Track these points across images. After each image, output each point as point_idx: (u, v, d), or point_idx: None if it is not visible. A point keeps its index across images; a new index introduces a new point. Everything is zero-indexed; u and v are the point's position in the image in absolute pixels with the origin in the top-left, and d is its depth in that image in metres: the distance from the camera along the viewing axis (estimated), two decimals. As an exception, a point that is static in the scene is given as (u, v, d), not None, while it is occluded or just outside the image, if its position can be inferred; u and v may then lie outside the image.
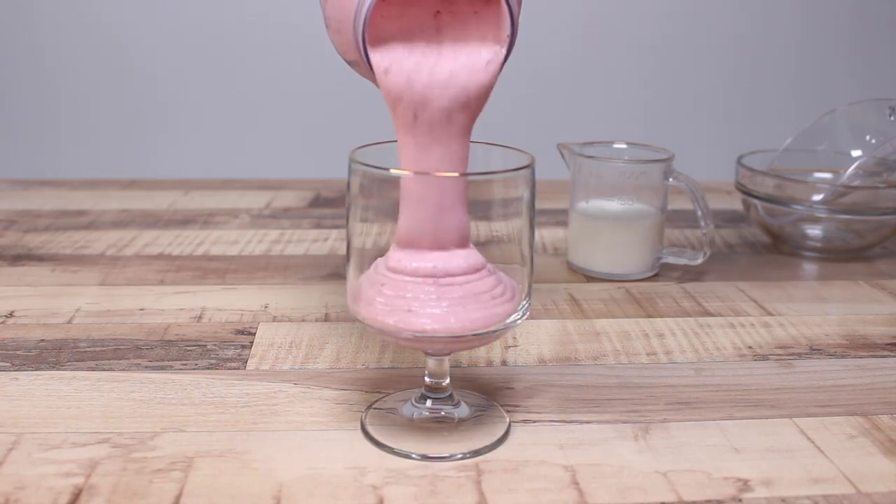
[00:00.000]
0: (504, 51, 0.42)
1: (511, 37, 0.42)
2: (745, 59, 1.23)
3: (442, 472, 0.44)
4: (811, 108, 1.17)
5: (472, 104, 0.42)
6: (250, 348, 0.58)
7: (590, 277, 0.73)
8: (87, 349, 0.57)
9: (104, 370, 0.54)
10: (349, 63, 0.45)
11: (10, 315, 0.62)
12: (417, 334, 0.41)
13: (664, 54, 1.22)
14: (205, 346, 0.58)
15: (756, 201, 0.80)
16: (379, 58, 0.41)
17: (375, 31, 0.42)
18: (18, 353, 0.56)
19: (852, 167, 0.78)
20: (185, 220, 0.87)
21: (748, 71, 1.24)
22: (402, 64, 0.41)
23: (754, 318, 0.65)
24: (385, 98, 0.42)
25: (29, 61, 1.16)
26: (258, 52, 1.17)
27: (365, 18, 0.39)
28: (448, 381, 0.48)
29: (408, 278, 0.41)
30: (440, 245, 0.42)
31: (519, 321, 0.44)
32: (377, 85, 0.42)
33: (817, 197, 0.77)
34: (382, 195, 0.43)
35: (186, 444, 0.46)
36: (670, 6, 1.20)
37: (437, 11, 0.43)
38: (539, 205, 0.47)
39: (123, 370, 0.54)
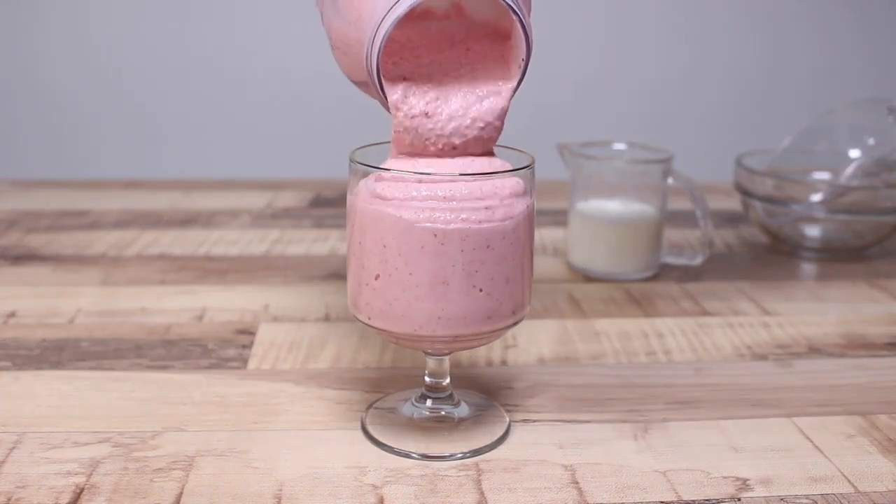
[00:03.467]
0: (514, 85, 0.43)
1: (525, 60, 0.42)
2: (744, 60, 1.23)
3: (442, 471, 0.44)
4: (811, 108, 1.17)
5: (484, 138, 0.43)
6: (251, 348, 0.58)
7: (590, 277, 0.73)
8: (89, 349, 0.57)
9: (105, 370, 0.54)
10: (355, 83, 0.45)
11: (12, 315, 0.63)
12: None
13: (664, 55, 1.22)
14: (206, 345, 0.58)
15: (755, 201, 0.80)
16: (391, 91, 0.42)
17: (388, 66, 0.42)
18: (20, 352, 0.56)
19: (851, 167, 0.79)
20: (186, 221, 0.88)
21: (748, 71, 1.24)
22: (415, 100, 0.42)
23: (753, 318, 0.65)
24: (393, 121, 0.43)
25: (30, 62, 1.16)
26: (259, 52, 1.17)
27: (378, 52, 0.40)
28: (448, 380, 0.49)
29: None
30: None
31: None
32: (386, 109, 0.43)
33: (816, 197, 0.77)
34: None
35: (187, 444, 0.46)
36: (670, 7, 1.20)
37: (451, 46, 0.44)
38: (539, 205, 0.47)
39: (125, 370, 0.54)
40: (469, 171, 0.42)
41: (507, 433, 0.47)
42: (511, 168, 0.43)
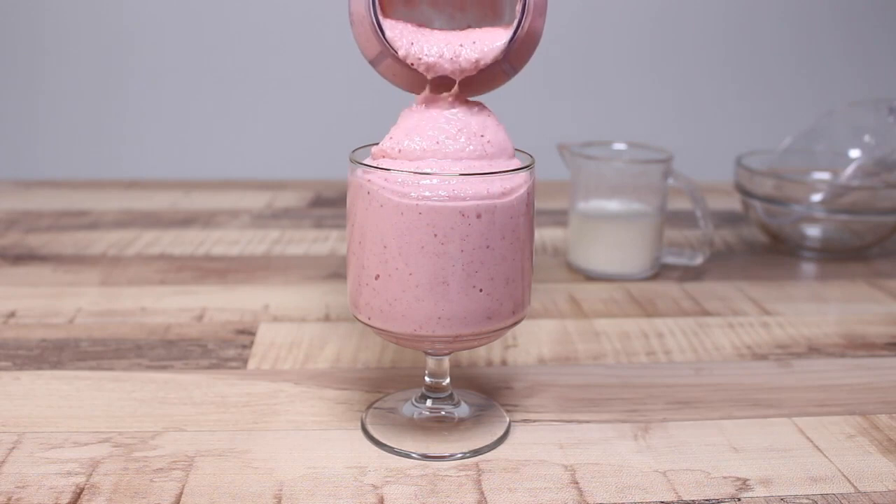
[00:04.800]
0: (513, 29, 0.43)
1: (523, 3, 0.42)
2: (744, 60, 1.23)
3: (442, 471, 0.44)
4: (811, 108, 1.17)
5: (485, 76, 0.43)
6: (251, 348, 0.58)
7: (590, 277, 0.73)
8: (89, 349, 0.57)
9: (105, 370, 0.54)
10: (371, 63, 0.45)
11: (12, 315, 0.63)
12: None
13: (664, 54, 1.22)
14: (205, 345, 0.58)
15: (755, 201, 0.80)
16: (390, 29, 0.42)
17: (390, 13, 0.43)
18: (20, 352, 0.56)
19: (851, 167, 0.79)
20: (186, 221, 0.88)
21: (748, 71, 1.24)
22: (409, 39, 0.42)
23: (753, 318, 0.65)
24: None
25: (30, 61, 1.16)
26: (259, 52, 1.17)
27: None
28: (448, 380, 0.49)
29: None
30: None
31: None
32: (393, 80, 0.43)
33: (816, 197, 0.77)
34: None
35: (187, 444, 0.46)
36: (670, 6, 1.20)
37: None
38: (539, 205, 0.47)
39: (125, 370, 0.54)
40: (470, 172, 0.42)
41: (507, 433, 0.47)
42: (511, 168, 0.43)
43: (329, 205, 0.95)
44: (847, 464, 0.45)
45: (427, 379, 0.48)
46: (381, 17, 0.42)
